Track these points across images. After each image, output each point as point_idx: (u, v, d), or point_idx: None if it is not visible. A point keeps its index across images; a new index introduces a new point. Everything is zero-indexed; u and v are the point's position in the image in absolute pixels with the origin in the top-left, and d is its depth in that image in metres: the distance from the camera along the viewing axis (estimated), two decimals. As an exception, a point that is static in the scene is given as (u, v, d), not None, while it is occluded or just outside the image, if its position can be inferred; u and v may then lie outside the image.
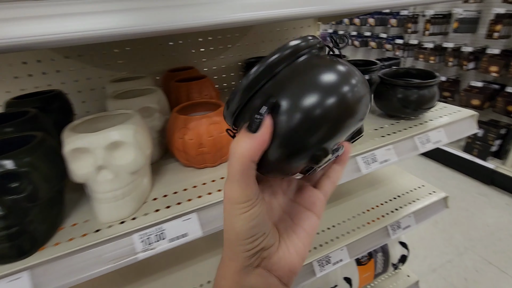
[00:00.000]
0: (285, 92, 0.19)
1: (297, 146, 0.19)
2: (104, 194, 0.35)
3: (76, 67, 0.70)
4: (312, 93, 0.18)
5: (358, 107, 0.19)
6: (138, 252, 0.34)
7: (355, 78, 0.19)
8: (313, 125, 0.18)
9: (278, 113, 0.18)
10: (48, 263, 0.31)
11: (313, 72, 0.19)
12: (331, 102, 0.18)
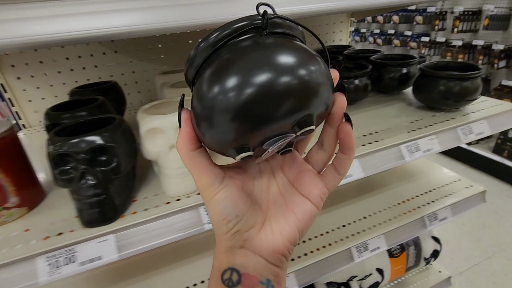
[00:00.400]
0: (203, 75, 0.18)
1: (217, 131, 0.18)
2: (173, 170, 0.38)
3: (123, 61, 0.75)
4: (223, 73, 0.17)
5: (282, 92, 0.17)
6: (204, 223, 0.38)
7: (281, 58, 0.17)
8: (221, 110, 0.17)
9: (197, 99, 0.18)
10: (129, 228, 0.36)
11: (229, 53, 0.18)
12: (241, 82, 0.16)
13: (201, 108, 0.18)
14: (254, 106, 0.17)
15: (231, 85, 0.16)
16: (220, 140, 0.19)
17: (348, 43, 0.97)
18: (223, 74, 0.17)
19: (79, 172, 0.33)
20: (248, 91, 0.16)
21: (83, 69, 0.72)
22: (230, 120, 0.17)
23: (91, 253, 0.34)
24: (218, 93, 0.17)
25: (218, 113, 0.17)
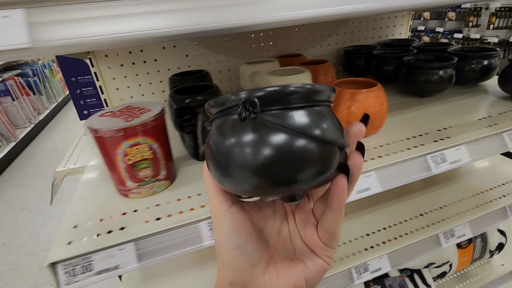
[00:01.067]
0: (226, 125, 0.20)
1: (222, 174, 0.20)
2: None
3: (201, 52, 0.79)
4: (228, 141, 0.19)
5: (268, 172, 0.18)
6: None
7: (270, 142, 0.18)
8: (221, 167, 0.19)
9: (215, 142, 0.20)
10: None
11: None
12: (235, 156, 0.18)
13: (215, 150, 0.20)
14: (261, 173, 0.18)
15: (246, 150, 0.18)
16: (223, 182, 0.20)
17: (408, 37, 0.98)
18: (240, 138, 0.18)
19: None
20: (259, 161, 0.18)
21: (165, 60, 0.76)
22: (236, 174, 0.19)
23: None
24: (234, 150, 0.18)
25: (227, 164, 0.19)
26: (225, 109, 0.20)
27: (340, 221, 0.22)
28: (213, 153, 0.20)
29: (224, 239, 0.22)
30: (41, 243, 1.68)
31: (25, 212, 1.96)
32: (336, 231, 0.22)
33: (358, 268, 0.52)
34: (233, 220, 0.22)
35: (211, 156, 0.20)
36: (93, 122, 0.37)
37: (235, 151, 0.18)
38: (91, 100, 1.16)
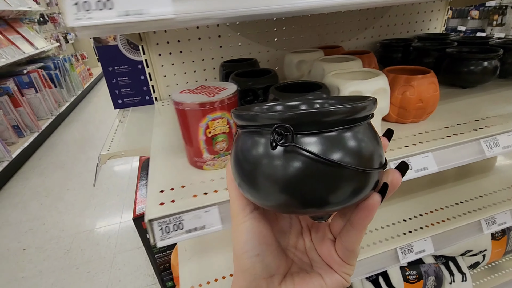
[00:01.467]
0: (258, 139, 0.19)
1: (246, 184, 0.20)
2: None
3: (244, 42, 0.83)
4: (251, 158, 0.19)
5: (298, 195, 0.18)
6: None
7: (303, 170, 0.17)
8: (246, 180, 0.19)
9: (243, 153, 0.20)
10: None
11: None
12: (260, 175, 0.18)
13: (243, 161, 0.19)
14: (290, 195, 0.18)
15: (277, 172, 0.17)
16: (248, 194, 0.20)
17: (443, 32, 1.00)
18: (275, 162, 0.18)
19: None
20: (288, 185, 0.17)
21: (210, 49, 0.80)
22: (264, 191, 0.18)
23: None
24: (264, 169, 0.18)
25: (255, 180, 0.18)
26: (255, 126, 0.19)
27: (361, 239, 0.21)
28: (240, 163, 0.19)
29: (243, 246, 0.21)
30: (65, 229, 1.75)
31: (49, 199, 2.04)
32: (356, 249, 0.21)
33: (403, 248, 0.55)
34: (253, 226, 0.22)
35: (237, 165, 0.20)
36: (178, 97, 0.40)
37: (264, 170, 0.18)
38: (125, 90, 1.21)
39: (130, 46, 1.13)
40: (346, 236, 0.21)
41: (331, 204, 0.18)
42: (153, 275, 1.43)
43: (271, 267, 0.22)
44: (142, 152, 0.93)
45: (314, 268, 0.23)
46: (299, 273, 0.23)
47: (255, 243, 0.21)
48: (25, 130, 2.61)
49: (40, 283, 1.42)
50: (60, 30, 4.27)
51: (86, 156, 2.60)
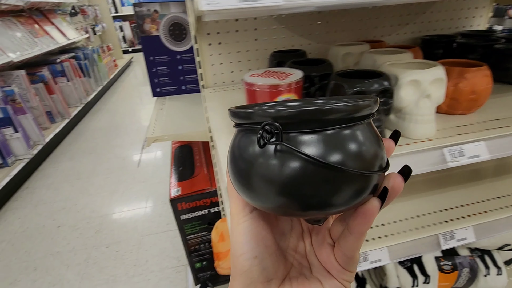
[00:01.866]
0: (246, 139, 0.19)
1: (242, 184, 0.19)
2: (422, 116, 0.48)
3: (287, 35, 0.87)
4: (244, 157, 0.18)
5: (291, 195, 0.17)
6: (448, 161, 0.47)
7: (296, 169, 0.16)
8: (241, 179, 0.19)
9: (239, 153, 0.19)
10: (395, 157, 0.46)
11: None
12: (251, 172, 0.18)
13: (239, 162, 0.19)
14: (285, 197, 0.17)
15: (271, 172, 0.17)
16: (245, 196, 0.20)
17: (486, 29, 1.00)
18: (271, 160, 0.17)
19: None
20: (283, 186, 0.17)
21: (255, 40, 0.85)
22: (258, 193, 0.18)
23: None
24: (258, 169, 0.17)
25: (249, 180, 0.18)
26: (248, 123, 0.19)
27: (360, 246, 0.20)
28: (232, 161, 0.20)
29: (241, 247, 0.21)
30: (95, 211, 1.86)
31: (80, 182, 2.16)
32: (355, 255, 0.21)
33: (445, 235, 0.58)
34: (252, 227, 0.21)
35: (232, 165, 0.20)
36: (251, 79, 0.45)
37: (258, 171, 0.17)
38: (164, 79, 1.28)
39: (171, 37, 1.20)
40: (345, 242, 0.20)
41: (323, 207, 0.17)
42: (178, 258, 1.51)
43: (269, 271, 0.21)
44: (182, 137, 1.00)
45: (313, 273, 0.22)
46: (297, 278, 0.22)
47: (253, 244, 0.21)
48: (57, 116, 2.77)
49: (73, 258, 1.52)
50: (89, 22, 4.45)
51: (113, 144, 2.73)
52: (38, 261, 1.52)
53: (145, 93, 4.18)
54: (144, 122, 3.19)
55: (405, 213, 0.64)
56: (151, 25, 1.17)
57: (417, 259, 0.72)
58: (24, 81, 2.34)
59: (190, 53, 1.23)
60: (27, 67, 2.54)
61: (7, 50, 2.29)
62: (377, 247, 0.55)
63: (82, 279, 1.40)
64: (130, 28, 6.54)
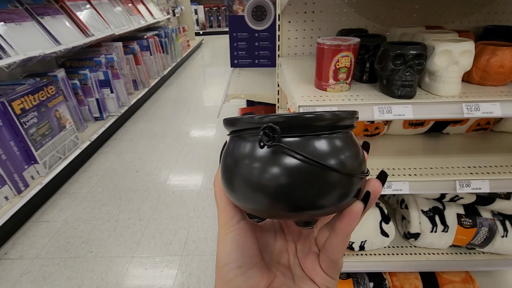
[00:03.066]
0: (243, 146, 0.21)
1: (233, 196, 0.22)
2: (449, 78, 0.67)
3: (354, 17, 1.08)
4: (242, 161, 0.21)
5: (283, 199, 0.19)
6: (464, 113, 0.65)
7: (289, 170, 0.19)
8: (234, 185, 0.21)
9: (232, 159, 0.22)
10: (420, 104, 0.66)
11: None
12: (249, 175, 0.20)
13: (233, 167, 0.21)
14: (277, 199, 0.19)
15: (265, 174, 0.19)
16: (237, 200, 0.22)
17: (559, 24, 1.06)
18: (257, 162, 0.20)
19: (406, 65, 0.65)
20: (276, 187, 0.19)
21: (327, 21, 1.08)
22: (253, 196, 0.20)
23: (399, 111, 0.66)
24: (253, 172, 0.20)
25: (244, 184, 0.20)
26: (244, 130, 0.21)
27: (344, 249, 0.22)
28: (229, 169, 0.21)
29: (226, 256, 0.23)
30: (165, 163, 2.31)
31: (153, 140, 2.67)
32: (338, 260, 0.22)
33: (462, 182, 0.75)
34: (238, 237, 0.23)
35: (227, 171, 0.22)
36: (321, 40, 0.70)
37: (253, 173, 0.20)
38: (242, 53, 1.59)
39: (253, 17, 1.50)
40: (329, 245, 0.22)
41: (316, 207, 0.20)
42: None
43: (253, 280, 0.23)
44: (254, 97, 1.29)
45: (296, 282, 0.24)
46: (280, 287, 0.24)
47: (238, 255, 0.23)
48: (140, 85, 3.37)
49: (147, 196, 1.97)
50: (170, 4, 5.13)
51: (181, 112, 3.23)
52: (122, 193, 2.01)
53: (208, 74, 4.69)
54: (205, 98, 3.66)
55: (431, 164, 0.82)
56: (238, 6, 1.48)
57: (439, 211, 0.88)
58: (120, 52, 2.94)
59: (266, 31, 1.51)
60: (123, 40, 3.15)
61: (111, 25, 2.90)
62: (400, 179, 0.75)
63: (153, 211, 1.84)
64: (203, 12, 7.23)
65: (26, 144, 1.68)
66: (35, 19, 1.99)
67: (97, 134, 2.40)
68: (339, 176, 0.20)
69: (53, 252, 1.55)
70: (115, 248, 1.57)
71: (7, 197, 1.59)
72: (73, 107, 2.27)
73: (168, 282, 1.38)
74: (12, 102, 1.57)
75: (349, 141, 0.21)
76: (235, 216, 0.24)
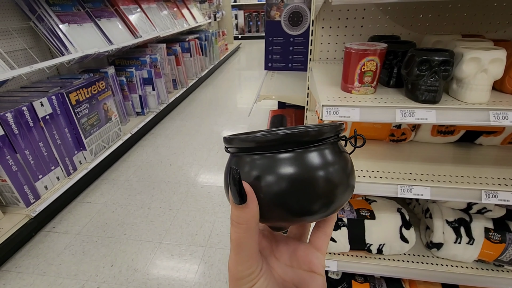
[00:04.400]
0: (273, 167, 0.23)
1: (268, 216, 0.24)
2: (477, 86, 0.68)
3: (389, 24, 1.10)
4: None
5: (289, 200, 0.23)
6: (490, 121, 0.66)
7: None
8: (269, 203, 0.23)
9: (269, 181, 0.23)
10: (445, 110, 0.68)
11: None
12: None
13: (266, 184, 0.23)
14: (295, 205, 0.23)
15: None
16: (275, 216, 0.24)
17: None
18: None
19: (432, 71, 0.68)
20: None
21: (361, 27, 1.12)
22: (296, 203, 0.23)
23: (422, 115, 0.68)
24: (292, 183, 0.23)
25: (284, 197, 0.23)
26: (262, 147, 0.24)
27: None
28: (275, 188, 0.23)
29: None
30: (196, 159, 2.45)
31: (187, 137, 2.84)
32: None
33: (488, 192, 0.74)
34: (267, 281, 0.22)
35: (272, 190, 0.23)
36: (349, 45, 0.75)
37: (293, 185, 0.22)
38: (276, 56, 1.67)
39: (290, 23, 1.57)
40: (325, 221, 0.27)
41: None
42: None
43: None
44: (285, 98, 1.35)
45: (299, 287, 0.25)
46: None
47: None
48: (179, 84, 3.60)
49: (178, 188, 2.11)
50: (212, 9, 5.40)
51: (214, 112, 3.39)
52: (155, 184, 2.17)
53: (244, 77, 4.84)
54: (239, 100, 3.79)
55: (458, 172, 0.81)
56: (276, 12, 1.57)
57: (465, 222, 0.86)
58: (163, 52, 3.18)
59: (301, 37, 1.58)
60: (166, 42, 3.40)
61: (157, 27, 3.16)
62: (421, 184, 0.76)
63: (182, 203, 1.96)
64: (243, 17, 7.48)
65: (78, 132, 1.91)
66: (93, 21, 2.25)
67: (137, 127, 2.62)
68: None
69: (93, 230, 1.74)
70: (146, 233, 1.71)
71: (59, 178, 1.82)
72: (118, 102, 2.52)
73: (192, 269, 1.48)
74: (69, 94, 1.80)
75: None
76: (259, 263, 0.22)
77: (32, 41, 2.05)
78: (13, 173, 1.51)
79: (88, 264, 1.53)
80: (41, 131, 1.67)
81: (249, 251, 0.22)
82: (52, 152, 1.76)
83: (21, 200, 1.58)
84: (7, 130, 1.46)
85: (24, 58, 1.98)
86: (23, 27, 1.96)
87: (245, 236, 0.21)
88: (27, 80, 2.02)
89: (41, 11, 1.87)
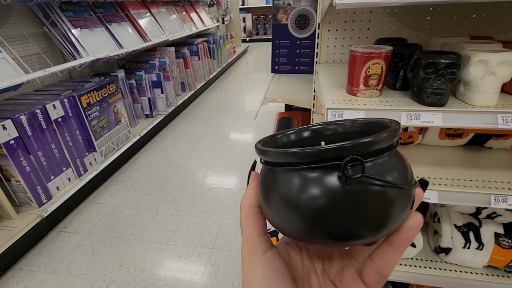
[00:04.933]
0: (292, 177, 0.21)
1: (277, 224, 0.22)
2: (485, 88, 0.67)
3: (396, 27, 1.10)
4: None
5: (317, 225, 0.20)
6: (498, 123, 0.65)
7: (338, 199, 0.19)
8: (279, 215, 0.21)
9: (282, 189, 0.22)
10: (451, 112, 0.67)
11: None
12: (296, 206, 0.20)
13: (294, 201, 0.21)
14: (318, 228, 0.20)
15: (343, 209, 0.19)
16: (292, 233, 0.21)
17: None
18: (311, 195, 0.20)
19: (438, 74, 0.67)
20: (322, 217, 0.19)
21: (367, 29, 1.12)
22: (297, 219, 0.20)
23: (428, 118, 0.68)
24: (329, 207, 0.19)
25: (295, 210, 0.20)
26: (308, 162, 0.20)
27: (398, 262, 0.21)
28: (287, 203, 0.21)
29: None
30: (204, 161, 2.47)
31: (195, 139, 2.87)
32: (389, 273, 0.22)
33: (498, 197, 0.73)
34: (267, 270, 0.22)
35: (283, 206, 0.21)
36: (354, 48, 0.75)
37: (337, 206, 0.19)
38: (283, 59, 1.68)
39: (296, 26, 1.58)
40: (382, 258, 0.21)
41: (391, 226, 0.20)
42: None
43: None
44: (291, 101, 1.36)
45: None
46: None
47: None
48: (187, 87, 3.64)
49: (185, 190, 2.13)
50: (220, 12, 5.45)
51: (222, 115, 3.42)
52: (163, 185, 2.20)
53: (251, 80, 4.87)
54: (246, 103, 3.80)
55: (466, 176, 0.80)
56: (283, 15, 1.58)
57: (475, 227, 0.85)
58: (172, 56, 3.23)
59: (308, 39, 1.58)
60: (175, 45, 3.45)
61: (166, 31, 3.21)
62: (428, 188, 0.76)
63: (190, 205, 1.98)
64: (251, 20, 7.53)
65: (89, 134, 1.95)
66: (104, 26, 2.31)
67: (146, 130, 2.66)
68: (404, 192, 0.20)
69: (102, 230, 1.77)
70: (154, 234, 1.74)
71: (70, 179, 1.86)
72: (128, 104, 2.56)
73: (198, 270, 1.49)
74: (81, 97, 1.85)
75: (399, 156, 0.22)
76: (261, 245, 0.22)
77: (46, 46, 2.11)
78: (26, 173, 1.55)
79: (97, 263, 1.56)
80: (54, 133, 1.72)
81: (246, 233, 0.23)
82: (64, 153, 1.80)
83: (33, 200, 1.62)
84: (21, 132, 1.51)
85: (38, 62, 2.05)
86: (37, 32, 2.02)
87: (242, 217, 0.24)
88: (40, 83, 2.08)
89: (55, 16, 1.93)
